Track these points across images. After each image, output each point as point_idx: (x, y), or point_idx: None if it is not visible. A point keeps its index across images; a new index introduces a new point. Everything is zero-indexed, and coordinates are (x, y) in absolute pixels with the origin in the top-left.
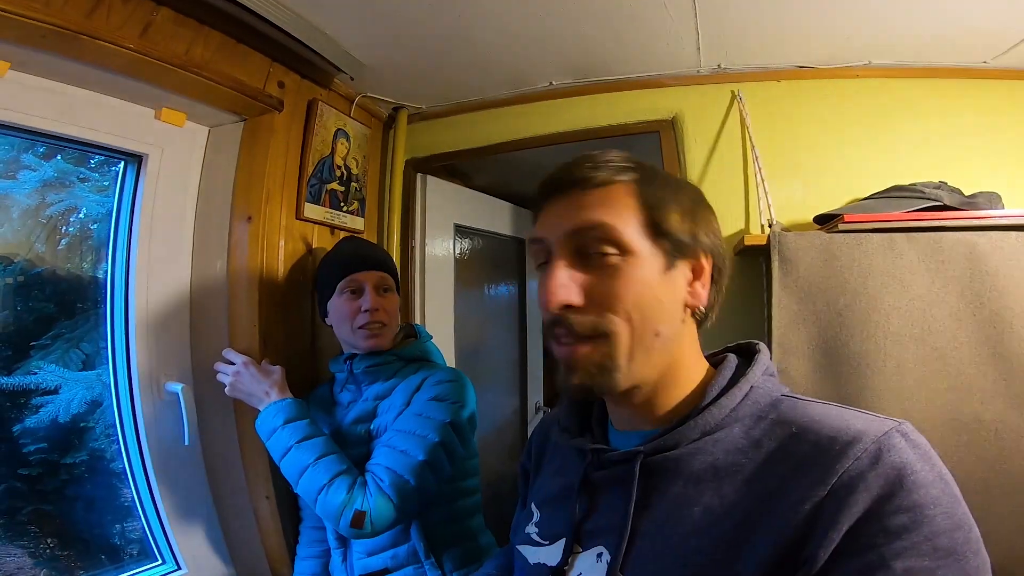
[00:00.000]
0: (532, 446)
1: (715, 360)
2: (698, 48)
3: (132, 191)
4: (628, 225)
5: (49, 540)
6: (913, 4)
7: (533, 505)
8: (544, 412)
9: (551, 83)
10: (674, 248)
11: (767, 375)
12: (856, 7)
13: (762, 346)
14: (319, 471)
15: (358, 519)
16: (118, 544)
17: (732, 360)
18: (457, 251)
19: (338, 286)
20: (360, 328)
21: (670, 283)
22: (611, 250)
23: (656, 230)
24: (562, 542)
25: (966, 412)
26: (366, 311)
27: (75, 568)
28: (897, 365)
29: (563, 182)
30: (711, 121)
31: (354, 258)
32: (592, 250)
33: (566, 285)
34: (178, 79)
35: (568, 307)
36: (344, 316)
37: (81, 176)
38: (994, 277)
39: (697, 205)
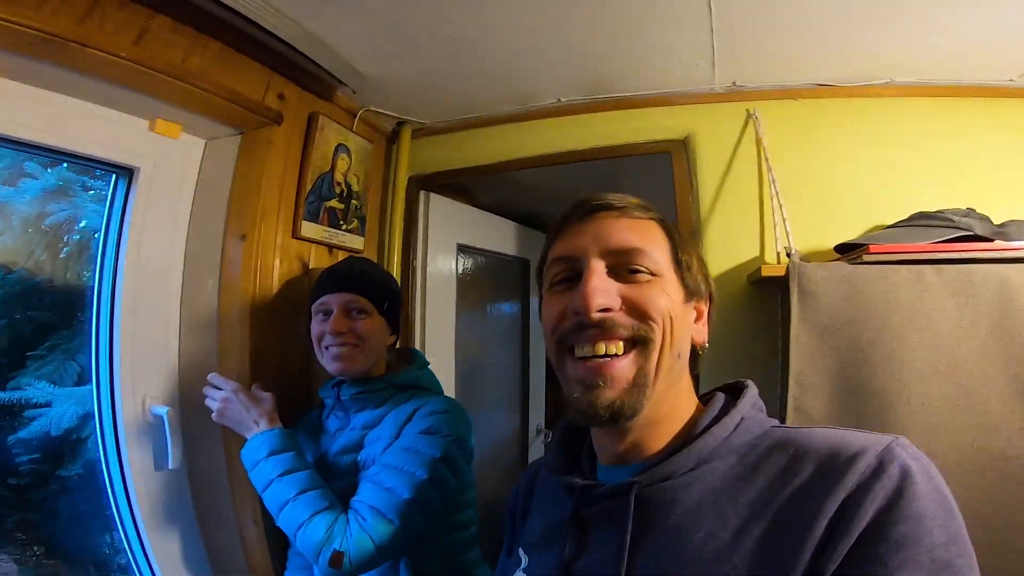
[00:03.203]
0: (519, 492)
1: (704, 399)
2: (713, 64)
3: (123, 205)
4: (661, 254)
5: (35, 548)
6: (937, 20)
7: (521, 551)
8: (545, 434)
9: (559, 99)
10: (692, 284)
11: (756, 409)
12: (879, 23)
13: (750, 383)
14: (299, 507)
15: (336, 560)
16: (106, 554)
17: (720, 396)
18: (459, 270)
19: (312, 308)
20: (326, 348)
21: (687, 313)
22: (645, 271)
23: (679, 264)
24: None
25: (991, 449)
26: (330, 334)
27: None
28: (922, 403)
29: (598, 207)
30: (725, 141)
31: (327, 280)
32: (627, 270)
33: (605, 289)
34: (173, 89)
35: (606, 311)
36: (314, 338)
37: (85, 185)
38: None
39: (702, 256)
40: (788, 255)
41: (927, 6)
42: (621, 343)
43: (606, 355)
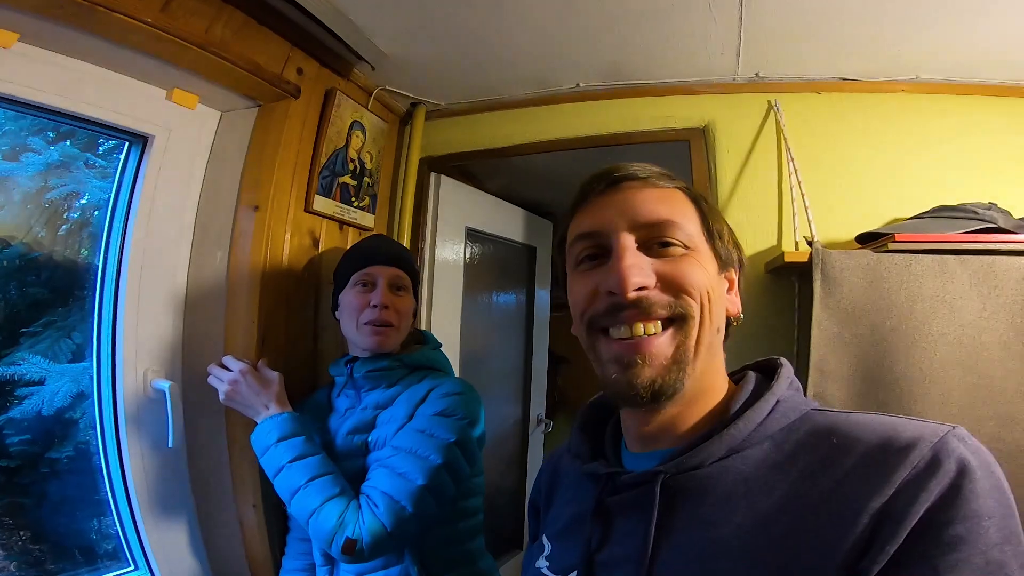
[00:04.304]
0: (542, 480)
1: (735, 378)
2: (738, 55)
3: (133, 174)
4: (692, 225)
5: (22, 533)
6: (963, 19)
7: (545, 538)
8: (545, 424)
9: (578, 84)
10: (724, 254)
11: (792, 389)
12: (905, 20)
13: (784, 361)
14: (310, 494)
15: (348, 546)
16: (94, 540)
17: (752, 376)
18: (467, 255)
19: (352, 278)
20: (366, 324)
21: (722, 285)
22: (678, 244)
23: (711, 235)
24: (574, 575)
25: (1010, 440)
26: (374, 306)
27: (45, 562)
28: (941, 393)
29: (620, 178)
30: (745, 132)
31: (372, 251)
32: (659, 244)
33: (640, 267)
34: (195, 58)
35: (642, 289)
36: (352, 310)
37: (88, 162)
38: None
39: (729, 225)
40: (810, 243)
41: (954, 5)
42: (659, 322)
43: (644, 334)
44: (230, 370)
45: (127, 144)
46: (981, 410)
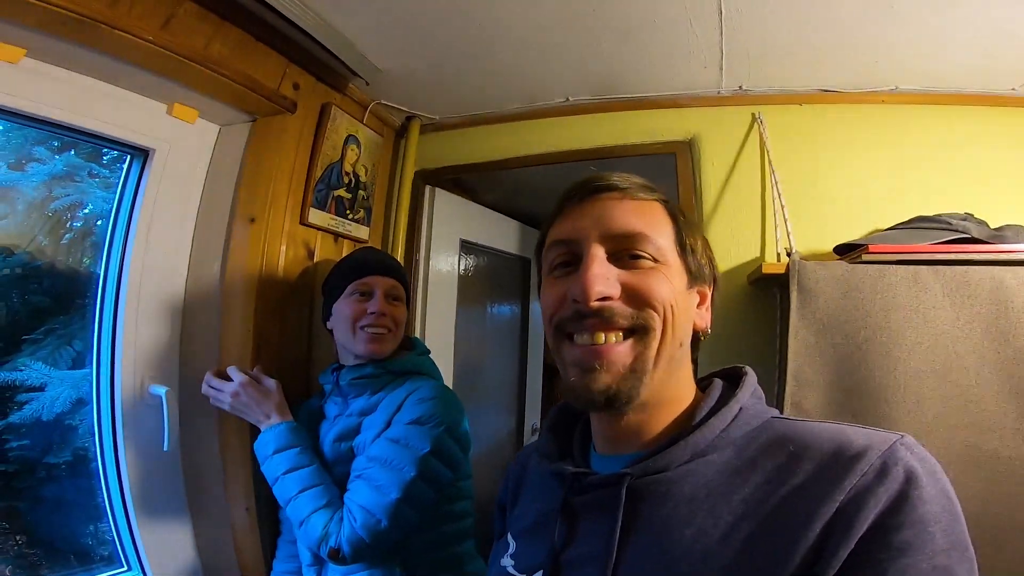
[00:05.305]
0: (509, 478)
1: (701, 386)
2: (721, 68)
3: (135, 186)
4: (664, 238)
5: (17, 537)
6: (942, 30)
7: (510, 536)
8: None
9: (567, 99)
10: (696, 269)
11: (755, 397)
12: (884, 32)
13: (749, 369)
14: (299, 505)
15: (333, 555)
16: (90, 545)
17: (718, 384)
18: (462, 267)
19: (348, 288)
20: (363, 329)
21: (690, 300)
22: (648, 257)
23: (683, 249)
24: (539, 575)
25: (984, 449)
26: (372, 313)
27: (41, 567)
28: (917, 401)
29: (600, 188)
30: (729, 144)
31: (369, 263)
32: (628, 255)
33: (606, 276)
34: (194, 74)
35: (605, 299)
36: (348, 317)
37: (92, 172)
38: (1020, 314)
39: (706, 240)
40: (788, 255)
41: (934, 16)
42: (620, 332)
43: (605, 342)
44: (231, 380)
45: (129, 156)
46: (955, 419)
